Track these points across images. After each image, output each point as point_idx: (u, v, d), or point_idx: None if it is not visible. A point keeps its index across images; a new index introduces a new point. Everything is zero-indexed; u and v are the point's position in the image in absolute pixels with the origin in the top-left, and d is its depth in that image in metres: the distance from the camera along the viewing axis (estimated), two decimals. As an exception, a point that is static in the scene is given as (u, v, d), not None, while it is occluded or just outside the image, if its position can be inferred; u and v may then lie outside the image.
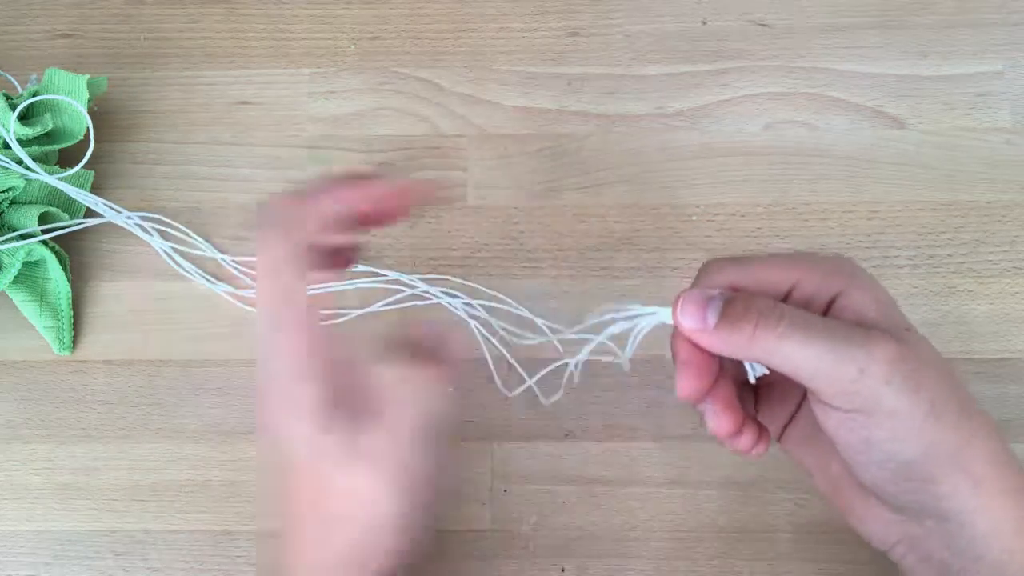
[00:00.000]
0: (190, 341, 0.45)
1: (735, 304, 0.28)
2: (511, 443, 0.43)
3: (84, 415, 0.44)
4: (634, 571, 0.42)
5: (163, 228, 0.46)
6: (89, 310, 0.46)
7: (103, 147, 0.48)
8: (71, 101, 0.44)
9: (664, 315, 0.30)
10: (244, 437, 0.44)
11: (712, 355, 0.29)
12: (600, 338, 0.33)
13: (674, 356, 0.30)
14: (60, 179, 0.44)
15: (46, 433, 0.44)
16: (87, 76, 0.45)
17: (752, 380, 0.31)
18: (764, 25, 0.49)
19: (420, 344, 0.30)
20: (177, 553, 0.42)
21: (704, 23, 0.49)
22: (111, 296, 0.46)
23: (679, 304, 0.29)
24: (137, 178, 0.48)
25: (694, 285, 0.30)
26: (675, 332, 0.30)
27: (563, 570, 0.42)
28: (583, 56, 0.49)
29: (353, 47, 0.50)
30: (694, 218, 0.46)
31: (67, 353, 0.45)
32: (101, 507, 0.43)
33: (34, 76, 0.46)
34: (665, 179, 0.47)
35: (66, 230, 0.45)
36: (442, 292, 0.43)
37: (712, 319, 0.28)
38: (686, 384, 0.29)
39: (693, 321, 0.29)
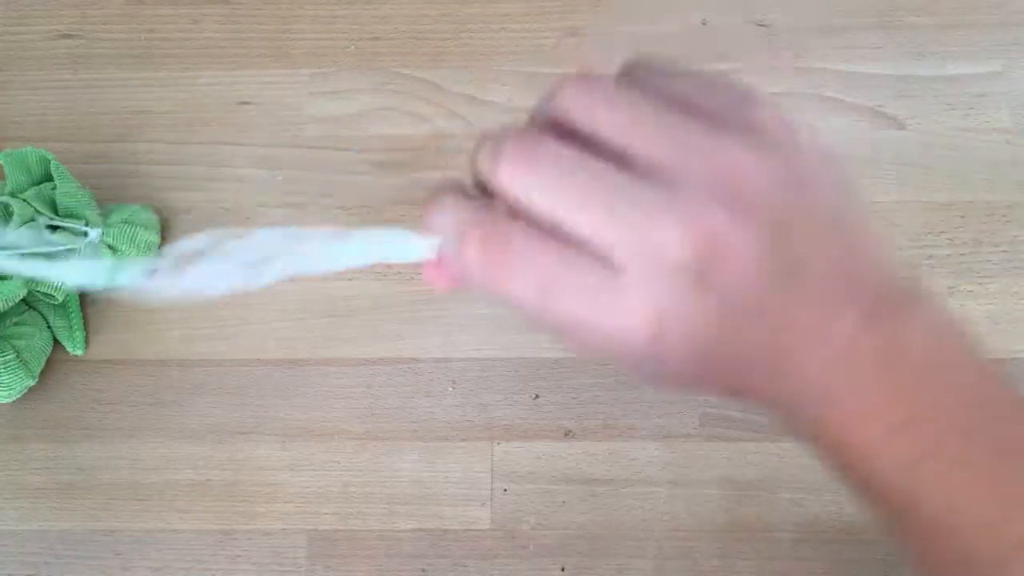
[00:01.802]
0: (190, 341, 0.45)
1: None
2: (511, 443, 0.43)
3: (84, 415, 0.44)
4: (634, 571, 0.42)
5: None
6: (89, 310, 0.46)
7: (104, 147, 0.48)
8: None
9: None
10: (244, 437, 0.44)
11: None
12: None
13: None
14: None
15: (46, 433, 0.44)
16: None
17: None
18: (764, 25, 0.49)
19: None
20: (177, 553, 0.42)
21: (704, 23, 0.49)
22: (111, 296, 0.46)
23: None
24: (137, 178, 0.48)
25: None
26: None
27: (563, 570, 0.42)
28: (583, 56, 0.49)
29: (353, 47, 0.50)
30: (694, 218, 0.46)
31: (81, 352, 0.45)
32: (101, 507, 0.43)
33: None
34: (665, 179, 0.47)
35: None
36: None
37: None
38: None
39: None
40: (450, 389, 0.44)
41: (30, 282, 0.42)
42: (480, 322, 0.45)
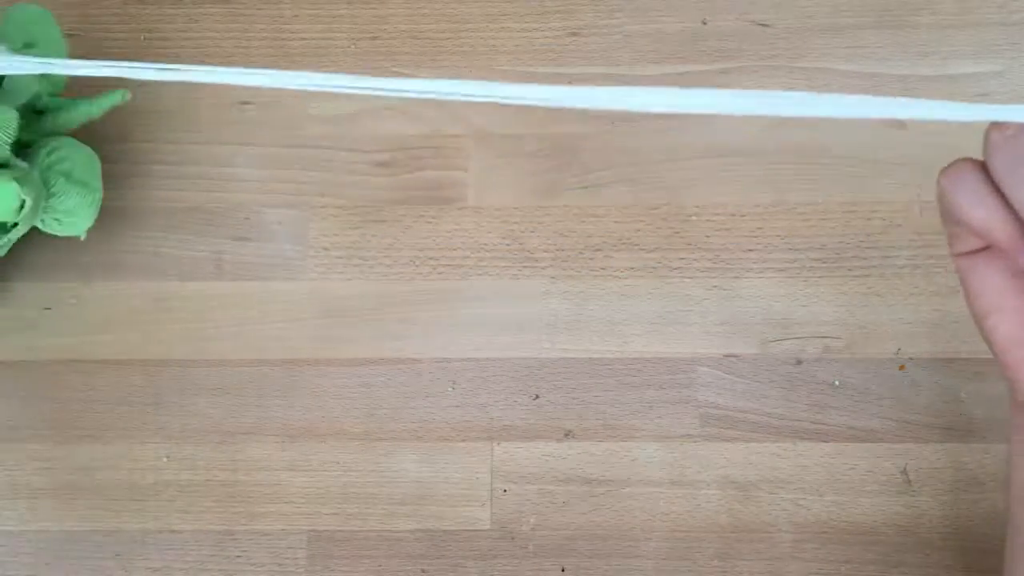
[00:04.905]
0: (190, 341, 0.45)
1: None
2: (511, 443, 0.43)
3: (84, 415, 0.44)
4: (634, 571, 0.42)
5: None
6: (89, 310, 0.46)
7: (104, 147, 0.48)
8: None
9: None
10: (244, 437, 0.44)
11: None
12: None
13: None
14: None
15: (46, 433, 0.44)
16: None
17: None
18: (764, 25, 0.49)
19: None
20: (177, 553, 0.43)
21: (704, 23, 0.49)
22: (111, 296, 0.46)
23: None
24: (137, 178, 0.48)
25: None
26: None
27: (563, 570, 0.42)
28: (583, 56, 0.49)
29: (353, 47, 0.50)
30: (694, 218, 0.46)
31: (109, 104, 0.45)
32: (101, 507, 0.43)
33: None
34: (665, 179, 0.47)
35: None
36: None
37: None
38: None
39: None
40: (450, 389, 0.44)
41: (19, 104, 0.42)
42: (480, 322, 0.45)
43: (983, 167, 0.27)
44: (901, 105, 0.27)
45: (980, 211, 0.27)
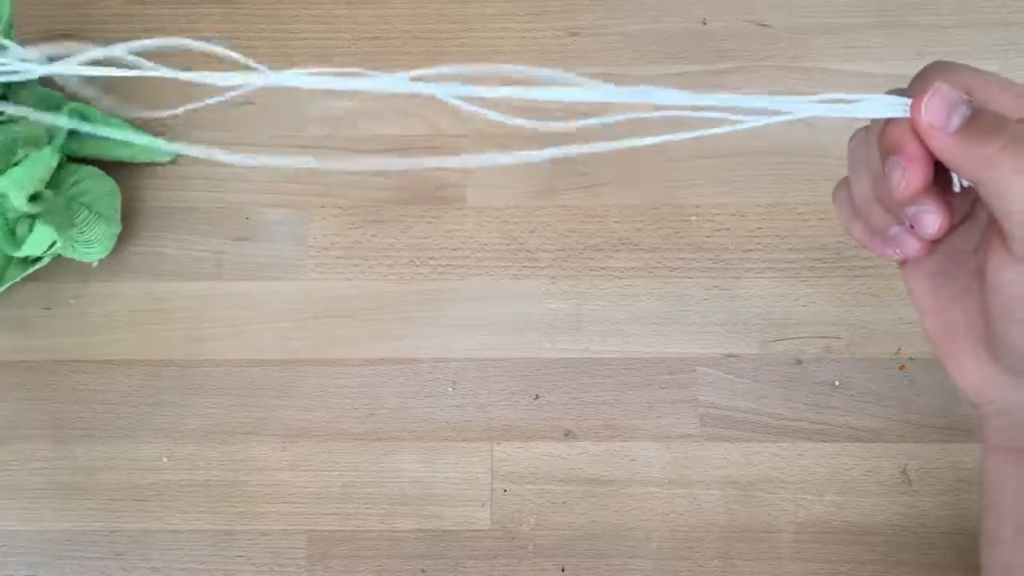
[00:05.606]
0: (190, 341, 0.45)
1: (985, 118, 0.26)
2: (511, 443, 0.43)
3: (84, 415, 0.44)
4: (634, 571, 0.42)
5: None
6: (89, 310, 0.46)
7: (103, 147, 0.48)
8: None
9: (889, 106, 0.27)
10: (244, 437, 0.44)
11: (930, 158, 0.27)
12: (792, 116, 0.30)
13: (892, 149, 0.28)
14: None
15: (46, 433, 0.44)
16: None
17: (957, 189, 0.29)
18: (764, 25, 0.49)
19: None
20: (177, 553, 0.43)
21: (704, 23, 0.49)
22: (111, 296, 0.46)
23: (927, 97, 0.26)
24: (137, 178, 0.48)
25: (925, 80, 0.27)
26: (894, 123, 0.28)
27: (563, 570, 0.42)
28: (583, 56, 0.49)
29: (353, 47, 0.50)
30: (694, 218, 0.46)
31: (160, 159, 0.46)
32: (101, 507, 0.43)
33: None
34: (665, 179, 0.47)
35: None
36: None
37: (955, 123, 0.26)
38: (915, 179, 0.27)
39: (936, 118, 0.26)
40: (450, 389, 0.44)
41: (63, 148, 0.43)
42: (480, 322, 0.45)
43: (847, 181, 0.31)
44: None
45: (854, 228, 0.32)
